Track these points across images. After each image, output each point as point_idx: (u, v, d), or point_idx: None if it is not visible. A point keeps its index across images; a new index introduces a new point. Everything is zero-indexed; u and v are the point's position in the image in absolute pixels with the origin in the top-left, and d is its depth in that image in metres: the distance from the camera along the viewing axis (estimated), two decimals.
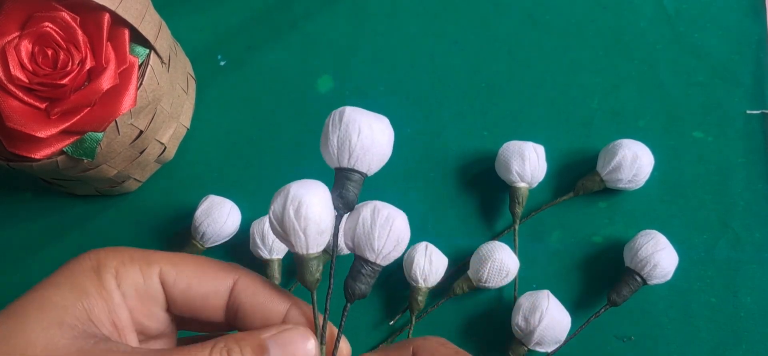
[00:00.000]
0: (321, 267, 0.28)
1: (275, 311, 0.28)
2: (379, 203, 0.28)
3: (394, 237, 0.27)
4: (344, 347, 0.28)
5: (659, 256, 0.39)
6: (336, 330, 0.28)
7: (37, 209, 0.46)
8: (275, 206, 0.27)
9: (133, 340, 0.27)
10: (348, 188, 0.28)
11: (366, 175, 0.28)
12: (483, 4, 0.49)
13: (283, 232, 0.27)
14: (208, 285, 0.28)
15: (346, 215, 0.28)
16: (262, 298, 0.28)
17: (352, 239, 0.27)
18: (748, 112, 0.45)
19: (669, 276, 0.40)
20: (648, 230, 0.41)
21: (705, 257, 0.43)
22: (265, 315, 0.28)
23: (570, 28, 0.48)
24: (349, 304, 0.28)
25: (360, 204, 0.28)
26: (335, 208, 0.27)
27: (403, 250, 0.28)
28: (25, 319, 0.24)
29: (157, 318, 0.28)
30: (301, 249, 0.27)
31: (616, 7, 0.48)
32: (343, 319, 0.28)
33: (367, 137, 0.27)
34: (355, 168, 0.28)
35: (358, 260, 0.28)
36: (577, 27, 0.48)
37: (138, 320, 0.27)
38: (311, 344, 0.27)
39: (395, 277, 0.43)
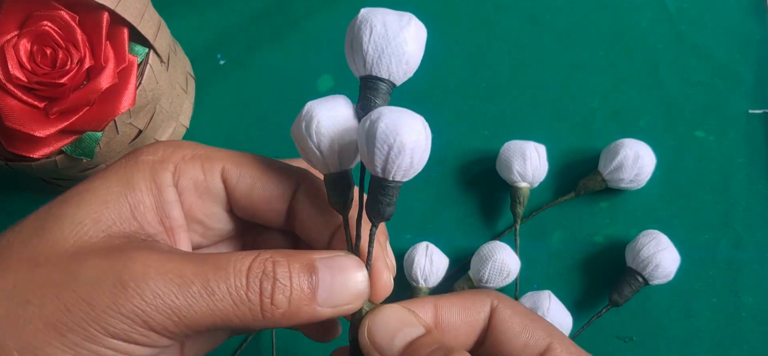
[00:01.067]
0: (351, 188, 0.25)
1: (331, 222, 0.27)
2: (377, 111, 0.23)
3: (394, 149, 0.23)
4: (385, 273, 0.26)
5: (661, 256, 0.39)
6: (381, 261, 0.26)
7: (36, 209, 0.45)
8: (293, 125, 0.24)
9: (184, 241, 0.26)
10: (369, 98, 0.24)
11: (391, 82, 0.24)
12: (484, 3, 0.49)
13: (301, 151, 0.25)
14: (271, 188, 0.27)
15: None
16: (320, 209, 0.27)
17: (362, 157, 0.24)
18: (750, 111, 0.45)
19: (671, 276, 0.40)
20: (650, 230, 0.41)
21: (706, 257, 0.43)
22: (320, 226, 0.27)
23: (571, 27, 0.48)
24: (373, 228, 0.25)
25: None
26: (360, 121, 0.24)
27: (414, 159, 0.23)
28: (62, 214, 0.24)
29: (218, 218, 0.27)
30: (322, 168, 0.25)
31: (617, 6, 0.48)
32: (370, 244, 0.25)
33: (381, 35, 0.24)
34: (373, 74, 0.24)
35: (373, 178, 0.24)
36: (578, 26, 0.48)
37: (197, 217, 0.27)
38: (363, 274, 0.25)
39: (395, 277, 0.43)
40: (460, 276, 0.42)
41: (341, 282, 0.24)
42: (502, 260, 0.40)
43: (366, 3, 0.48)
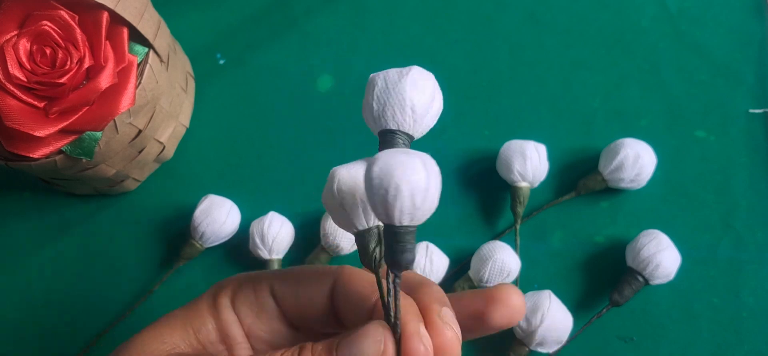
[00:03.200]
0: (379, 244, 0.25)
1: (366, 302, 0.27)
2: (376, 156, 0.23)
3: (390, 192, 0.23)
4: (414, 340, 0.25)
5: (661, 256, 0.39)
6: (412, 327, 0.25)
7: (35, 209, 0.45)
8: (324, 191, 0.24)
9: (245, 353, 0.29)
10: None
11: (406, 134, 0.25)
12: (484, 2, 0.49)
13: (331, 215, 0.25)
14: (312, 287, 0.29)
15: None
16: (357, 287, 0.28)
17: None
18: (751, 111, 0.45)
19: (671, 276, 0.40)
20: (650, 230, 0.41)
21: (707, 257, 0.43)
22: (361, 302, 0.28)
23: (571, 26, 0.48)
24: (396, 278, 0.25)
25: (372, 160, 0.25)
26: None
27: (415, 200, 0.23)
28: (137, 343, 0.28)
29: (278, 333, 0.30)
30: (349, 227, 0.25)
31: (618, 5, 0.48)
32: (389, 296, 0.25)
33: (382, 89, 0.25)
34: (382, 127, 0.25)
35: (384, 226, 0.24)
36: (579, 26, 0.48)
37: (259, 335, 0.29)
38: (377, 335, 0.25)
39: None
40: (460, 276, 0.42)
41: (359, 349, 0.25)
42: (503, 260, 0.40)
43: (364, 7, 0.48)
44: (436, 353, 0.25)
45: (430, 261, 0.40)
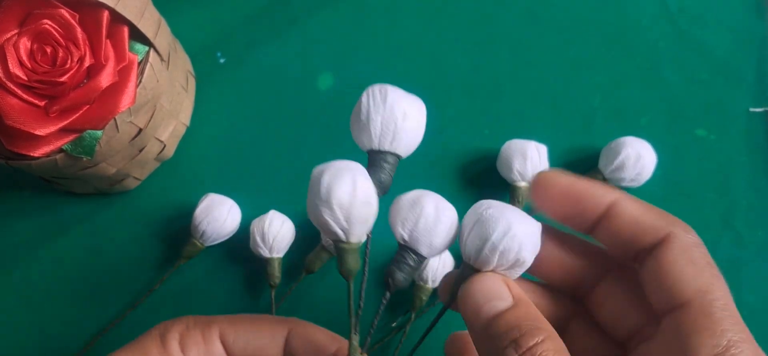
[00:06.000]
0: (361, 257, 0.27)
1: (328, 347, 0.29)
2: (438, 199, 0.27)
3: (452, 236, 0.26)
4: None
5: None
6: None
7: (35, 208, 0.45)
8: (341, 193, 0.24)
9: None
10: (387, 172, 0.27)
11: (401, 158, 0.27)
12: (484, 1, 0.49)
13: (346, 223, 0.25)
14: (264, 338, 0.30)
15: (398, 203, 0.27)
16: (314, 344, 0.29)
17: (410, 231, 0.26)
18: (751, 109, 0.45)
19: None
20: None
21: None
22: (321, 352, 0.29)
23: (572, 25, 0.48)
24: (389, 293, 0.27)
25: (413, 194, 0.27)
26: None
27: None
28: None
29: None
30: (355, 238, 0.25)
31: (618, 4, 0.48)
32: (381, 308, 0.27)
33: (413, 119, 0.27)
34: (395, 151, 0.27)
35: (406, 251, 0.27)
36: (579, 24, 0.48)
37: None
38: None
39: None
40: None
41: None
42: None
43: (364, 6, 0.48)
44: None
45: (443, 263, 0.40)
